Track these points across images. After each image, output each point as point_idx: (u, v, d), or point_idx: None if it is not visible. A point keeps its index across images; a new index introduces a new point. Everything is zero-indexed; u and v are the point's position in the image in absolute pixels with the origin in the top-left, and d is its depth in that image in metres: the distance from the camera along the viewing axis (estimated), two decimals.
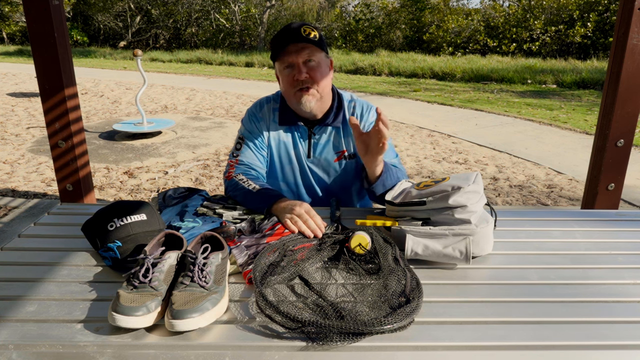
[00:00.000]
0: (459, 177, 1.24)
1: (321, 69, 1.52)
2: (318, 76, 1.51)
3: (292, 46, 1.47)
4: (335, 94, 1.64)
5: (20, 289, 1.03)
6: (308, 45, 1.48)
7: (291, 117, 1.61)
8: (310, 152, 1.62)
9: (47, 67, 2.04)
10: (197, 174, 4.39)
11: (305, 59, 1.49)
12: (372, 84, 10.44)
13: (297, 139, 1.62)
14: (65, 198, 2.24)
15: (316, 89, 1.52)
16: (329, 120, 1.60)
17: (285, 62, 1.50)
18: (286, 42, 1.47)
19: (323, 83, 1.53)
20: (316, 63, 1.51)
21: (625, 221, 1.47)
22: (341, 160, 1.64)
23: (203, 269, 0.97)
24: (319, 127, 1.61)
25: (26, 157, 4.85)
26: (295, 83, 1.50)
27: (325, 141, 1.62)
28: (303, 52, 1.48)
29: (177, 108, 7.59)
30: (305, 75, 1.49)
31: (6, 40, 19.67)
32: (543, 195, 3.91)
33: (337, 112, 1.61)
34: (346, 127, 1.63)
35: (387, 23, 16.74)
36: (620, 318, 0.96)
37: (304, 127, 1.61)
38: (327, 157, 1.63)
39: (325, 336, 0.85)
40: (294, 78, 1.50)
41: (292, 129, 1.62)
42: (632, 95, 1.89)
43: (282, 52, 1.49)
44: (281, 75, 1.55)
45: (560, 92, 9.11)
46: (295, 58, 1.48)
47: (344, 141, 1.63)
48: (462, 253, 1.13)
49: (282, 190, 1.67)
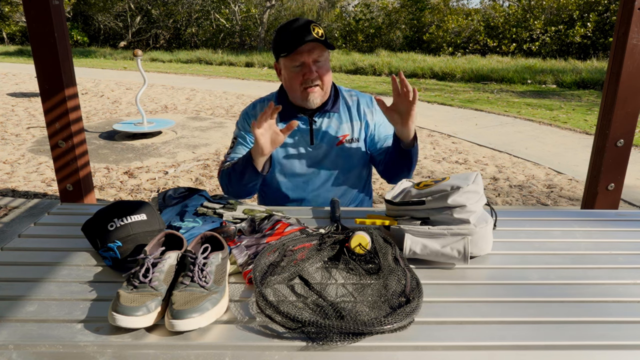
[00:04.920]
0: (459, 177, 1.24)
1: (327, 66, 1.62)
2: (325, 74, 1.60)
3: (305, 46, 1.53)
4: None
5: (21, 289, 1.03)
6: (318, 45, 1.55)
7: (290, 111, 1.67)
8: (312, 139, 1.68)
9: (47, 67, 2.04)
10: (197, 174, 4.39)
11: (315, 59, 1.57)
12: (372, 84, 10.44)
13: (297, 130, 1.67)
14: (65, 198, 2.24)
15: (321, 86, 1.61)
16: (328, 107, 1.68)
17: (296, 60, 1.57)
18: (298, 42, 1.52)
19: (328, 79, 1.62)
20: (324, 62, 1.59)
21: (625, 221, 1.47)
22: (343, 144, 1.70)
23: (203, 269, 0.97)
24: (319, 114, 1.68)
25: (26, 157, 4.86)
26: (304, 81, 1.58)
27: (326, 127, 1.69)
28: (314, 52, 1.56)
29: (177, 108, 7.59)
30: (315, 74, 1.57)
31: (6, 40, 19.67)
32: (543, 195, 3.91)
33: (335, 99, 1.70)
34: (345, 112, 1.71)
35: (387, 23, 16.73)
36: (620, 318, 0.96)
37: (304, 117, 1.67)
38: (330, 142, 1.69)
39: (325, 336, 0.85)
40: (303, 77, 1.57)
41: (292, 120, 1.66)
42: (632, 95, 1.89)
43: (293, 51, 1.54)
44: (288, 72, 1.60)
45: (560, 92, 9.11)
46: (307, 58, 1.56)
47: (345, 126, 1.70)
48: (460, 253, 1.13)
49: (279, 183, 1.72)
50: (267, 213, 1.38)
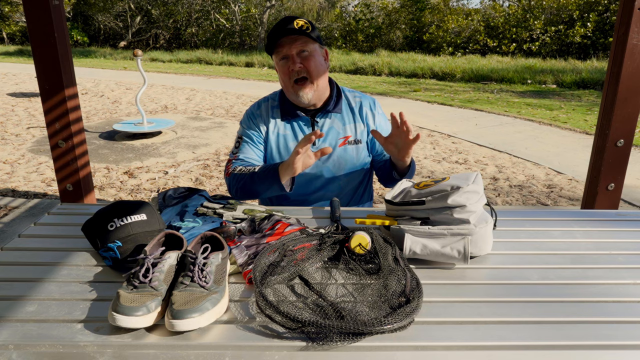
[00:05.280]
0: (459, 177, 1.24)
1: (315, 59, 1.58)
2: (312, 66, 1.57)
3: (286, 38, 1.55)
4: (333, 83, 1.73)
5: (21, 289, 1.03)
6: (300, 36, 1.55)
7: (292, 110, 1.67)
8: (315, 140, 1.66)
9: (47, 67, 2.03)
10: (197, 174, 4.39)
11: (298, 50, 1.56)
12: (372, 84, 10.44)
13: (299, 130, 1.68)
14: (65, 198, 2.24)
15: (310, 79, 1.58)
16: (330, 107, 1.67)
17: (280, 54, 1.58)
18: (280, 35, 1.55)
19: (317, 72, 1.59)
20: (309, 53, 1.58)
21: (625, 221, 1.47)
22: (345, 145, 1.70)
23: (203, 269, 0.97)
24: (321, 114, 1.68)
25: (26, 157, 4.86)
26: (290, 74, 1.58)
27: (328, 128, 1.69)
28: (296, 43, 1.56)
29: (177, 108, 7.59)
30: (299, 65, 1.56)
31: (6, 40, 19.67)
32: (543, 195, 3.91)
33: (337, 100, 1.70)
34: (348, 113, 1.71)
35: (387, 23, 16.73)
36: (620, 318, 0.96)
37: (306, 117, 1.68)
38: (332, 143, 1.69)
39: (325, 336, 0.85)
40: (289, 69, 1.57)
41: (294, 120, 1.68)
42: (632, 95, 1.89)
43: (276, 44, 1.56)
44: (278, 67, 1.62)
45: (560, 92, 9.11)
46: (288, 49, 1.56)
47: (347, 127, 1.70)
48: (460, 253, 1.13)
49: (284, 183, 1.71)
50: (267, 213, 1.38)
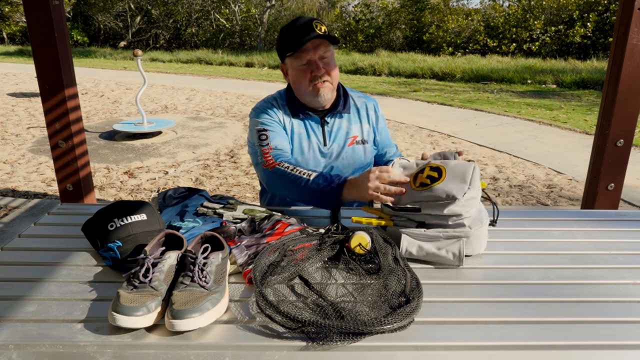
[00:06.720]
0: (455, 172, 1.21)
1: (333, 62, 1.62)
2: (332, 69, 1.61)
3: (309, 44, 1.54)
4: (339, 84, 1.73)
5: (21, 289, 1.03)
6: (323, 41, 1.55)
7: (302, 109, 1.66)
8: (325, 140, 1.68)
9: (47, 67, 2.04)
10: (197, 174, 4.39)
11: (321, 55, 1.57)
12: (372, 84, 10.44)
13: (311, 129, 1.67)
14: (65, 198, 2.24)
15: (330, 81, 1.60)
16: (340, 107, 1.68)
17: (303, 59, 1.57)
18: (302, 40, 1.52)
19: (335, 74, 1.63)
20: (329, 57, 1.60)
21: (625, 221, 1.47)
22: (354, 145, 1.71)
23: (203, 269, 0.97)
24: (330, 115, 1.68)
25: (26, 157, 4.86)
26: (312, 78, 1.58)
27: (337, 128, 1.69)
28: (319, 48, 1.56)
29: (177, 108, 7.59)
30: (322, 70, 1.57)
31: (6, 40, 19.66)
32: (543, 195, 3.91)
33: (345, 100, 1.71)
34: (355, 113, 1.73)
35: (387, 23, 16.73)
36: (620, 318, 0.96)
37: (316, 117, 1.67)
38: (341, 143, 1.69)
39: (325, 336, 0.85)
40: (311, 74, 1.57)
41: (304, 120, 1.67)
42: (632, 95, 1.89)
43: (298, 49, 1.54)
44: (295, 71, 1.60)
45: (560, 92, 9.11)
46: (313, 55, 1.56)
47: (354, 127, 1.71)
48: (455, 255, 1.14)
49: None
50: (267, 213, 1.38)
